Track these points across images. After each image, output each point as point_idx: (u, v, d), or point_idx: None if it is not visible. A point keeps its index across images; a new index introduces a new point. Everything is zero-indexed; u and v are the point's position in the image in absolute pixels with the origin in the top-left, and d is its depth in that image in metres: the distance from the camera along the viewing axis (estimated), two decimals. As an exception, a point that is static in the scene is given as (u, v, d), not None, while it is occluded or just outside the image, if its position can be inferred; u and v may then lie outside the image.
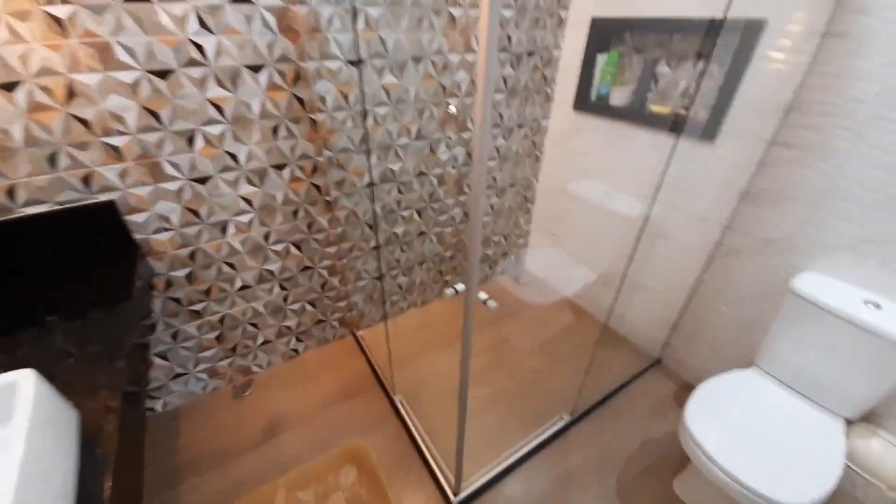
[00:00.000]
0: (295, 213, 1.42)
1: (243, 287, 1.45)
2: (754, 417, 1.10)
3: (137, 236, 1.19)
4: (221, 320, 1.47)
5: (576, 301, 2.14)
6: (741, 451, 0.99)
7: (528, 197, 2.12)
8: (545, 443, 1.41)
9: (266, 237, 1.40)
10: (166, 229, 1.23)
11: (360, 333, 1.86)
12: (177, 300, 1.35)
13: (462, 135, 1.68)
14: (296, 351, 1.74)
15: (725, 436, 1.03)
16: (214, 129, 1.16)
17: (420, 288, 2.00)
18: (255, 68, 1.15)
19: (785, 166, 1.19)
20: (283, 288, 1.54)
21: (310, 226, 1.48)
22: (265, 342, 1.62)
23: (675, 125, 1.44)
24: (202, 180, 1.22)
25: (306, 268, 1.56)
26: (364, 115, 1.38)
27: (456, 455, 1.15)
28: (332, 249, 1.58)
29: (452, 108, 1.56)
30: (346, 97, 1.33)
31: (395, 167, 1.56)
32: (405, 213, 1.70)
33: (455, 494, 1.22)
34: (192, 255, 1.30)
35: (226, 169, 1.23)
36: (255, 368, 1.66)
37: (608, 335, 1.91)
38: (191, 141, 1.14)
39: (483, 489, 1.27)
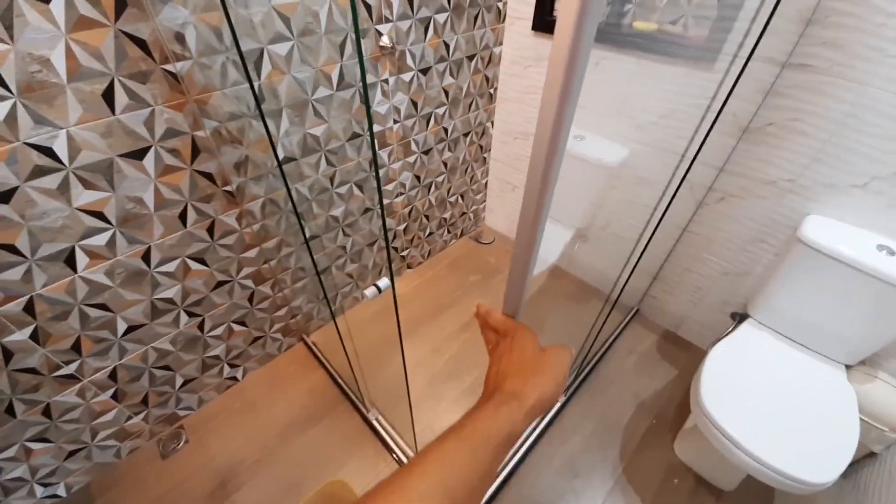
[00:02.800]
0: (182, 216, 0.99)
1: (132, 328, 1.04)
2: (766, 382, 1.03)
3: None
4: (112, 375, 1.07)
5: (543, 257, 1.97)
6: (763, 429, 0.92)
7: (484, 146, 1.80)
8: (542, 432, 1.29)
9: (146, 258, 0.98)
10: (-40, 282, 0.77)
11: (311, 339, 1.55)
12: (31, 370, 0.93)
13: (402, 76, 1.26)
14: (234, 378, 1.40)
15: (744, 413, 0.95)
16: (-14, 109, 0.68)
17: (374, 271, 1.68)
18: (32, -11, 0.65)
19: (798, 94, 1.00)
20: (192, 315, 1.15)
21: (210, 230, 1.06)
22: (187, 381, 1.26)
23: (665, 46, 1.17)
24: (1, 198, 0.74)
25: (221, 283, 1.16)
26: (243, 58, 0.92)
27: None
28: (251, 253, 1.18)
29: (385, 39, 1.13)
30: (217, 33, 0.86)
31: (318, 131, 1.14)
32: (341, 190, 1.32)
33: (460, 522, 1.07)
34: (28, 308, 0.86)
35: (38, 172, 0.76)
36: (182, 413, 1.31)
37: (588, 292, 1.80)
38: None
39: (489, 502, 1.14)
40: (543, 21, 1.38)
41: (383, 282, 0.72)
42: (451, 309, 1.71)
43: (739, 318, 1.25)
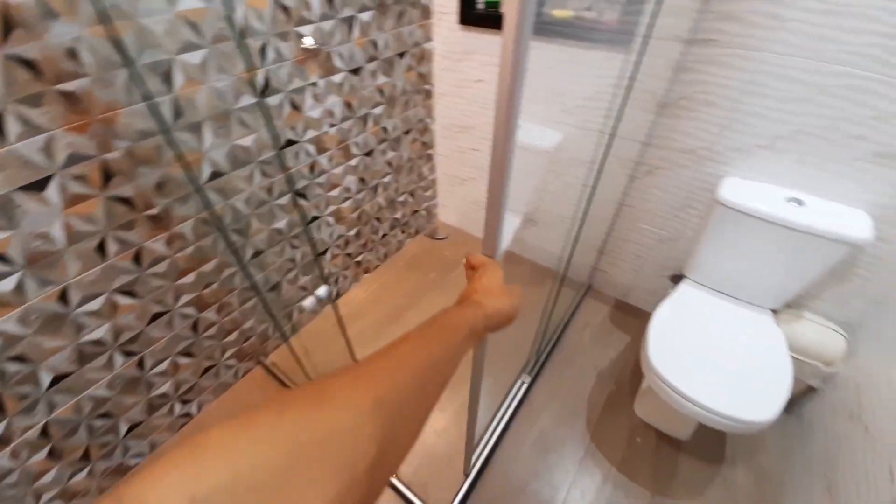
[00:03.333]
0: (101, 248, 0.91)
1: (59, 378, 0.94)
2: (704, 336, 1.12)
3: None
4: (45, 432, 0.96)
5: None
6: (705, 379, 1.00)
7: (427, 142, 1.80)
8: (513, 414, 1.33)
9: (63, 299, 0.88)
10: None
11: (269, 360, 1.48)
12: (-66, 442, 0.81)
13: (332, 78, 1.23)
14: (187, 415, 1.31)
15: (688, 367, 1.02)
16: None
17: (330, 280, 1.64)
18: None
19: (703, 67, 1.09)
20: (128, 354, 1.06)
21: (137, 259, 0.98)
22: (133, 426, 1.16)
23: (583, 32, 1.23)
24: None
25: (158, 314, 1.08)
26: (136, 71, 0.86)
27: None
28: (188, 279, 1.11)
29: (309, 40, 1.09)
30: (117, 43, 0.79)
31: (247, 142, 1.09)
32: (281, 202, 1.27)
33: (443, 517, 1.08)
34: (-80, 373, 0.75)
35: (-89, 217, 0.67)
36: (132, 462, 1.21)
37: (542, 274, 1.85)
38: None
39: (468, 494, 1.15)
40: (469, 15, 1.39)
41: (321, 290, 0.70)
42: (413, 309, 1.70)
43: (677, 279, 1.34)
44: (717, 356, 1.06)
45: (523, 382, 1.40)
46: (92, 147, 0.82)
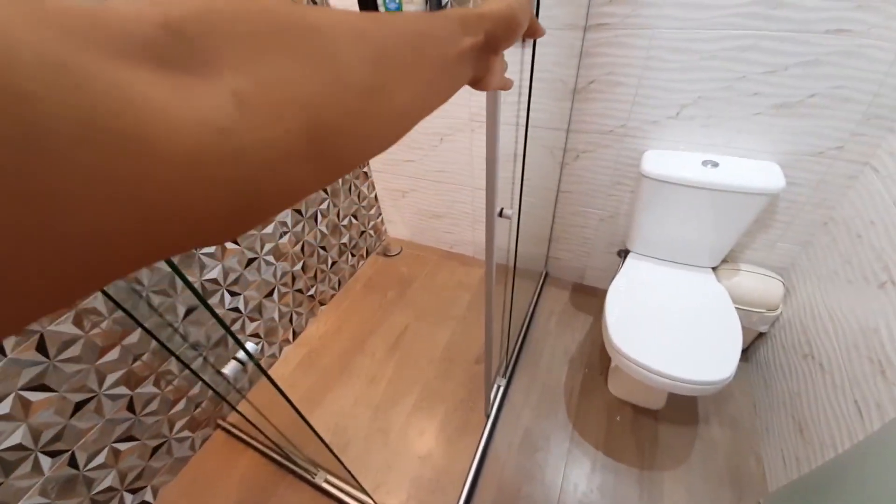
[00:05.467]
0: (-6, 345, 0.79)
1: (-35, 504, 0.81)
2: (656, 305, 1.15)
3: None
4: (-44, 570, 0.83)
5: (453, 251, 1.99)
6: (663, 348, 1.01)
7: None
8: (495, 420, 1.30)
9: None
10: None
11: (228, 421, 1.37)
12: None
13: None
14: (146, 503, 1.18)
15: (646, 339, 1.04)
16: None
17: (283, 321, 1.55)
18: None
19: (603, 50, 1.12)
20: (54, 454, 0.93)
21: (42, 347, 0.87)
22: (77, 531, 1.02)
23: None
24: None
25: (82, 402, 0.96)
26: None
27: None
28: (111, 356, 0.99)
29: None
30: None
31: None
32: (209, 249, 1.18)
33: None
34: None
35: None
36: (83, 571, 1.07)
37: (499, 272, 1.85)
38: None
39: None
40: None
41: (248, 347, 0.64)
42: (376, 332, 1.65)
43: (624, 254, 1.38)
44: (670, 323, 1.09)
45: (499, 386, 1.38)
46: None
